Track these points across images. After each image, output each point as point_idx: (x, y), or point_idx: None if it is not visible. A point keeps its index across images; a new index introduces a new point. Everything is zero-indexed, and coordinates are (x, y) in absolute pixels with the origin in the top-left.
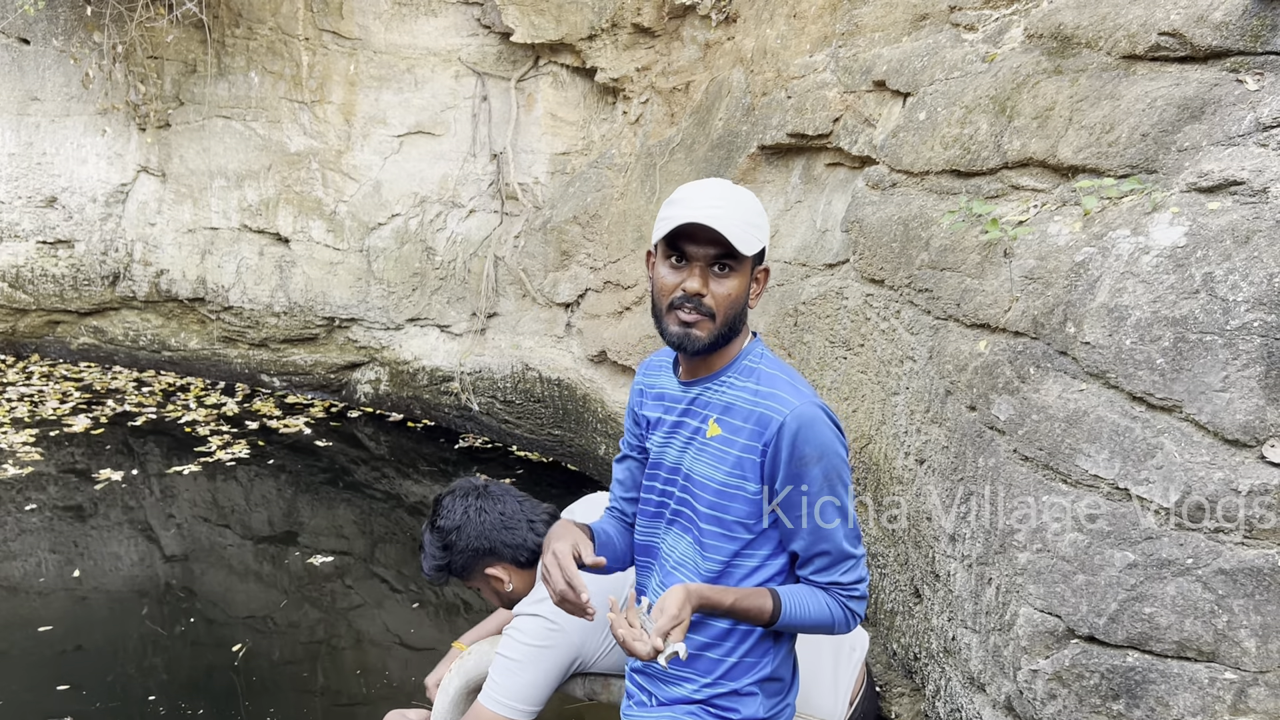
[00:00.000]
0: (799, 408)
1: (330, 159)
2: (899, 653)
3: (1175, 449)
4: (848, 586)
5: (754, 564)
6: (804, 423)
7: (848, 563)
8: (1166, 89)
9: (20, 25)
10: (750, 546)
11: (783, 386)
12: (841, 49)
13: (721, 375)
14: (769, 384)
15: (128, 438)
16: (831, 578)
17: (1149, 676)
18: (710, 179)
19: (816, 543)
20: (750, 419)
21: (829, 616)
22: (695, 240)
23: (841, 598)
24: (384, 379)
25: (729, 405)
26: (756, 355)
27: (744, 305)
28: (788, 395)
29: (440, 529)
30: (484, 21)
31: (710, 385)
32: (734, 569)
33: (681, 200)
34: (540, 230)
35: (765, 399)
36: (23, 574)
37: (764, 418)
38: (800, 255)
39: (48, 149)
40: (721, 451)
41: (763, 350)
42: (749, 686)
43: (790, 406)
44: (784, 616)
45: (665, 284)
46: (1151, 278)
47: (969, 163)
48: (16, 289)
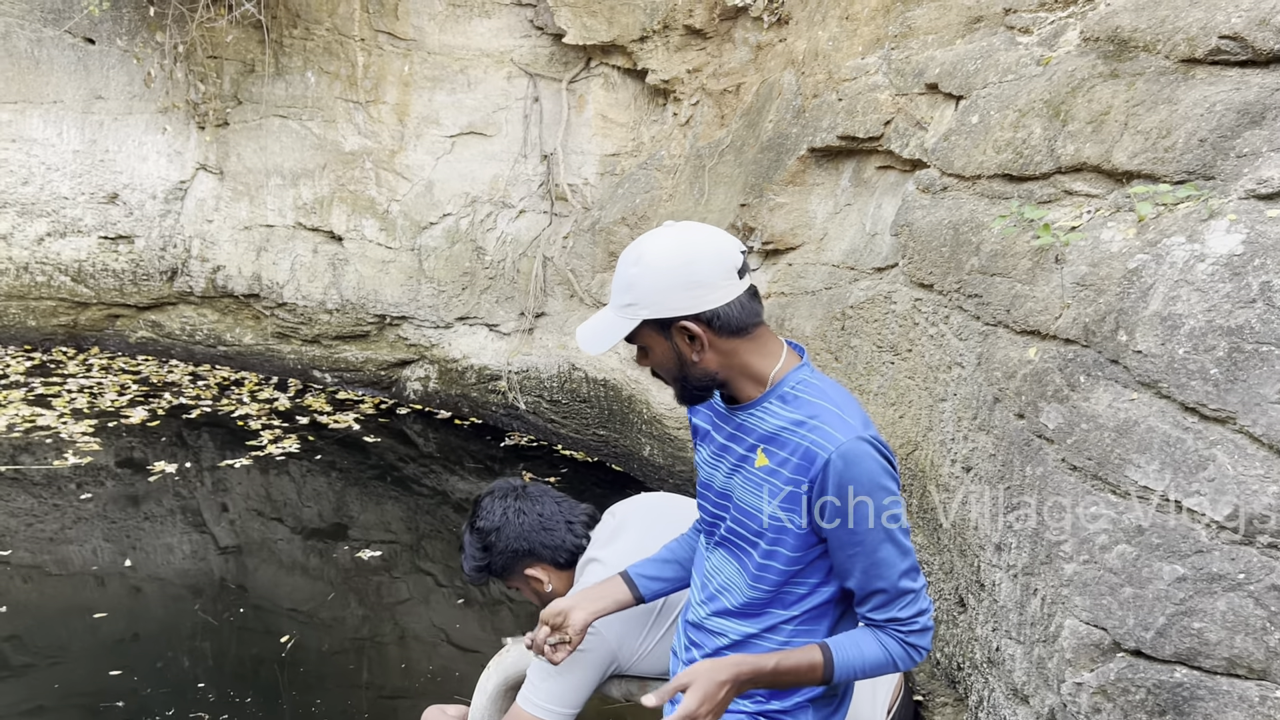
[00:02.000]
0: (845, 444)
1: (384, 158)
2: (942, 662)
3: (1228, 461)
4: (906, 622)
5: (803, 591)
6: (850, 460)
7: (905, 598)
8: (1226, 93)
9: (86, 25)
10: (799, 575)
11: (829, 418)
12: (894, 51)
13: (762, 402)
14: (815, 415)
15: (182, 430)
16: (889, 614)
17: (1197, 693)
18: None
19: (870, 582)
20: (796, 452)
21: (886, 658)
22: None
23: (900, 634)
24: (433, 377)
25: (774, 435)
26: (800, 383)
27: (683, 367)
28: (835, 429)
29: (480, 530)
30: (537, 23)
31: (753, 411)
32: (783, 595)
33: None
34: (589, 231)
35: (811, 431)
36: (80, 562)
37: (809, 452)
38: (849, 258)
39: (110, 146)
40: (770, 484)
41: (808, 375)
42: (800, 703)
43: (836, 442)
44: (838, 670)
45: None
46: (1207, 286)
47: (1021, 167)
48: (78, 283)
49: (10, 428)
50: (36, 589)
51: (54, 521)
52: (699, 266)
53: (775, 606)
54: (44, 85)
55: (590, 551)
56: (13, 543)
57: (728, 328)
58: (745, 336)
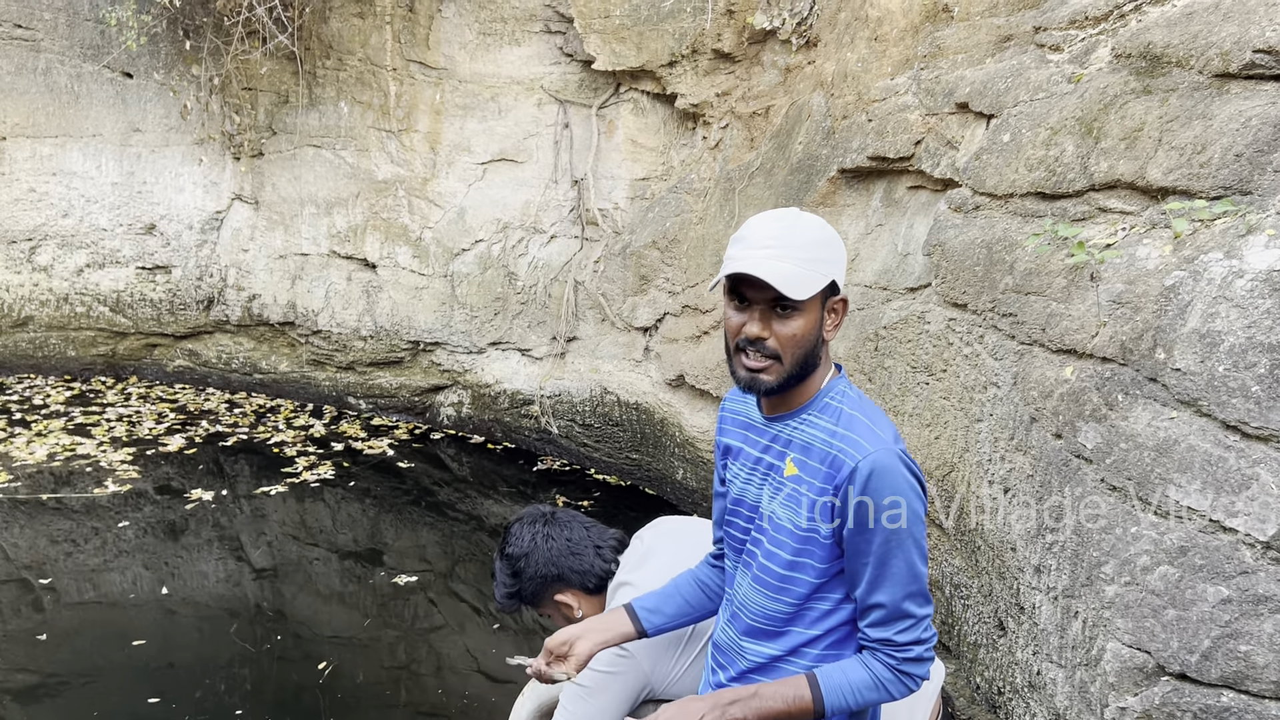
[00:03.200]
0: (875, 454)
1: (416, 186)
2: (982, 686)
3: (1272, 480)
4: (900, 647)
5: (827, 606)
6: (878, 469)
7: (904, 621)
8: (1262, 107)
9: (124, 60)
10: (823, 589)
11: (860, 429)
12: (923, 71)
13: (802, 412)
14: (847, 425)
15: (219, 457)
16: (884, 634)
17: (1244, 718)
18: (776, 211)
19: (872, 593)
20: (825, 460)
21: (874, 683)
22: (752, 285)
23: (892, 660)
24: (466, 402)
25: (807, 445)
26: (838, 393)
27: (814, 343)
28: (864, 439)
29: (509, 556)
30: (566, 50)
31: (790, 422)
32: (807, 611)
33: (742, 239)
34: (620, 255)
35: (841, 440)
36: (119, 589)
37: (837, 460)
38: (881, 279)
39: (148, 178)
40: (798, 493)
41: (845, 388)
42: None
43: (865, 452)
44: (827, 695)
45: (730, 325)
46: (1246, 302)
47: (1054, 185)
48: (117, 313)
49: (51, 457)
50: (76, 616)
51: (93, 549)
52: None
53: (798, 624)
54: (83, 119)
55: (620, 575)
56: (54, 571)
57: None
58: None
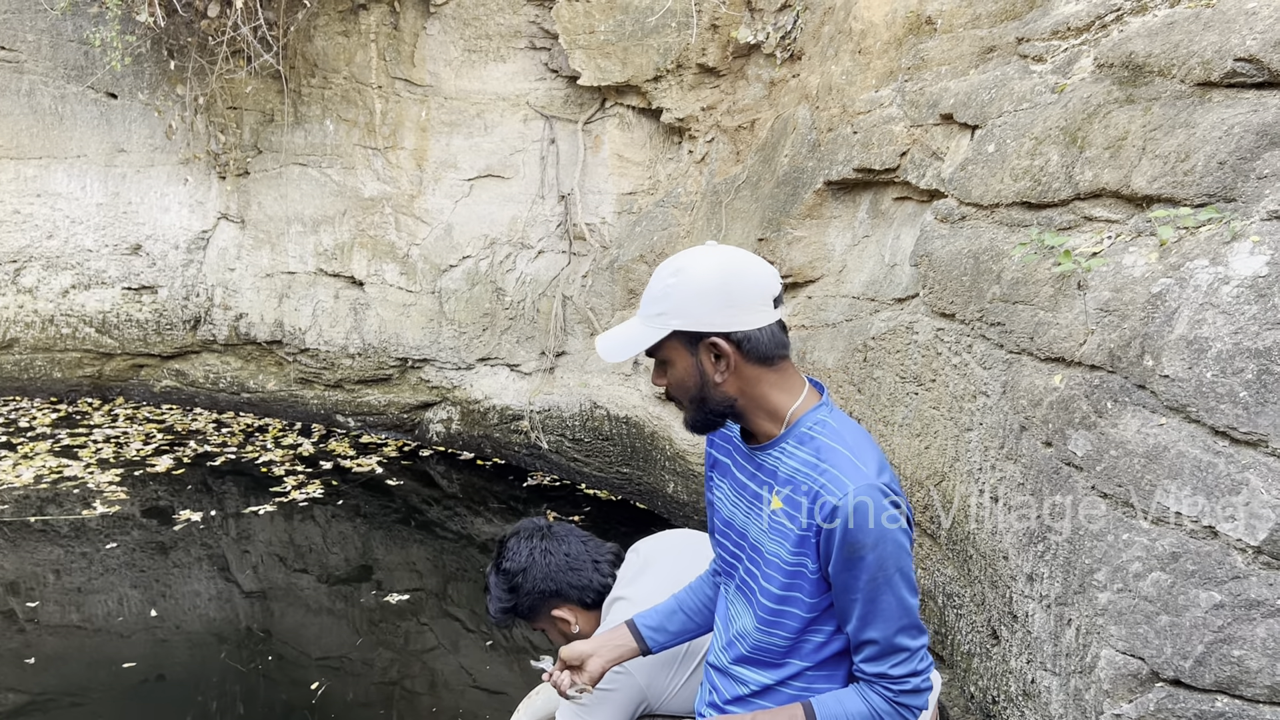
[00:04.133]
0: (856, 489)
1: (403, 203)
2: (976, 696)
3: (1262, 485)
4: (897, 680)
5: (820, 639)
6: (859, 508)
7: (898, 655)
8: (1244, 115)
9: (108, 81)
10: (816, 623)
11: (841, 463)
12: (908, 83)
13: (780, 443)
14: (828, 458)
15: (207, 478)
16: (880, 669)
17: None
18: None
19: (864, 630)
20: (808, 495)
21: (871, 716)
22: None
23: (889, 693)
24: (455, 418)
25: (790, 477)
26: (817, 423)
27: (700, 385)
28: (846, 475)
29: (506, 571)
30: (551, 66)
31: (771, 452)
32: (802, 644)
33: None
34: (608, 269)
35: (823, 476)
36: (107, 612)
37: (819, 496)
38: (869, 290)
39: (133, 198)
40: (785, 528)
41: (825, 416)
42: None
43: (845, 489)
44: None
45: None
46: (1232, 308)
47: (1040, 194)
48: (103, 334)
49: (38, 479)
50: (64, 639)
51: (81, 572)
52: (738, 286)
53: (793, 656)
54: (68, 140)
55: (616, 590)
56: (41, 594)
57: (755, 353)
58: (770, 367)
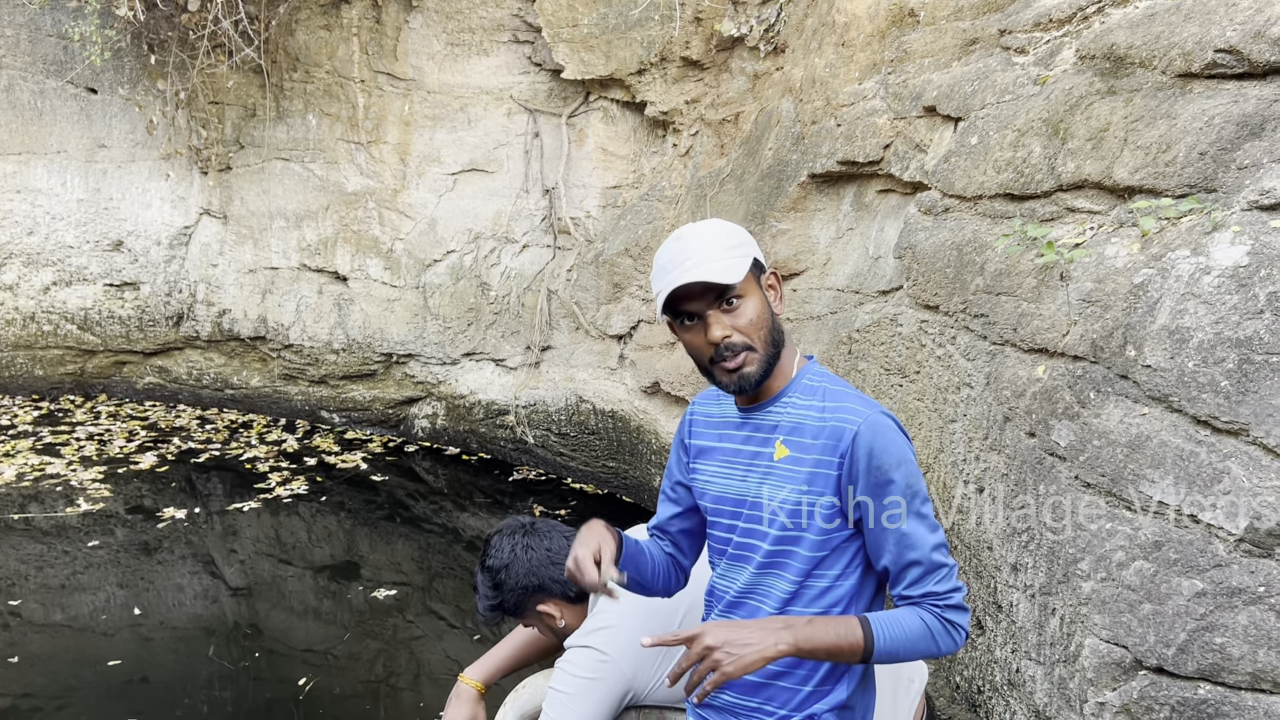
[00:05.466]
0: (871, 416)
1: (386, 198)
2: (962, 686)
3: (1243, 473)
4: (943, 595)
5: (824, 584)
6: (879, 431)
7: (940, 571)
8: (1224, 106)
9: (88, 76)
10: (821, 566)
11: (850, 399)
12: (891, 76)
13: (782, 396)
14: (836, 399)
15: (191, 475)
16: (926, 588)
17: (1222, 709)
18: (674, 237)
19: (906, 552)
20: (821, 434)
21: (925, 632)
22: (691, 298)
23: (937, 609)
24: (440, 413)
25: (796, 425)
26: (816, 374)
27: (772, 319)
28: (858, 406)
29: (490, 569)
30: (535, 59)
31: (773, 408)
32: (805, 590)
33: (660, 269)
34: (592, 263)
35: (835, 412)
36: (91, 610)
37: (836, 430)
38: (853, 283)
39: (114, 194)
40: (791, 472)
41: (821, 369)
42: (825, 713)
43: (863, 415)
44: (879, 639)
45: (694, 345)
46: (1213, 298)
47: (1023, 186)
48: (85, 330)
49: (20, 477)
50: (48, 639)
51: (64, 570)
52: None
53: (796, 604)
54: (47, 136)
55: None
56: (23, 592)
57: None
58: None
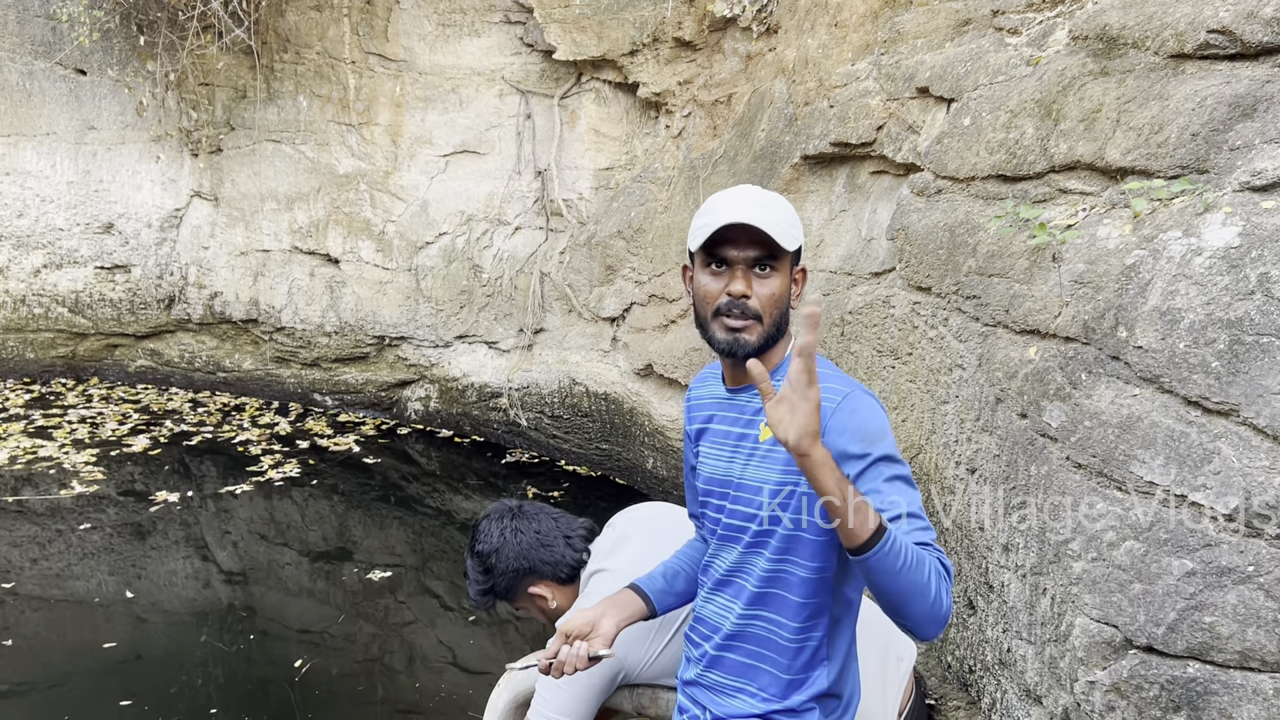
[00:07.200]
0: (851, 393)
1: (378, 180)
2: (953, 665)
3: (1233, 454)
4: (934, 549)
5: (803, 574)
6: (859, 405)
7: (929, 531)
8: (1217, 87)
9: (77, 57)
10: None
11: (831, 379)
12: (884, 57)
13: (772, 376)
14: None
15: (184, 457)
16: (918, 539)
17: (1211, 688)
18: (740, 186)
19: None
20: None
21: (925, 563)
22: (735, 244)
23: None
24: (433, 396)
25: None
26: None
27: (787, 306)
28: (837, 385)
29: (479, 553)
30: (527, 40)
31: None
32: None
33: (716, 208)
34: (585, 245)
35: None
36: (85, 593)
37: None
38: (846, 264)
39: (104, 176)
40: (775, 453)
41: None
42: (806, 703)
43: (841, 394)
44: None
45: (708, 291)
46: (1205, 279)
47: (1015, 167)
48: (76, 314)
49: (12, 460)
50: (42, 621)
51: (58, 553)
52: None
53: (778, 587)
54: (36, 118)
55: (594, 563)
56: (17, 575)
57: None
58: None
